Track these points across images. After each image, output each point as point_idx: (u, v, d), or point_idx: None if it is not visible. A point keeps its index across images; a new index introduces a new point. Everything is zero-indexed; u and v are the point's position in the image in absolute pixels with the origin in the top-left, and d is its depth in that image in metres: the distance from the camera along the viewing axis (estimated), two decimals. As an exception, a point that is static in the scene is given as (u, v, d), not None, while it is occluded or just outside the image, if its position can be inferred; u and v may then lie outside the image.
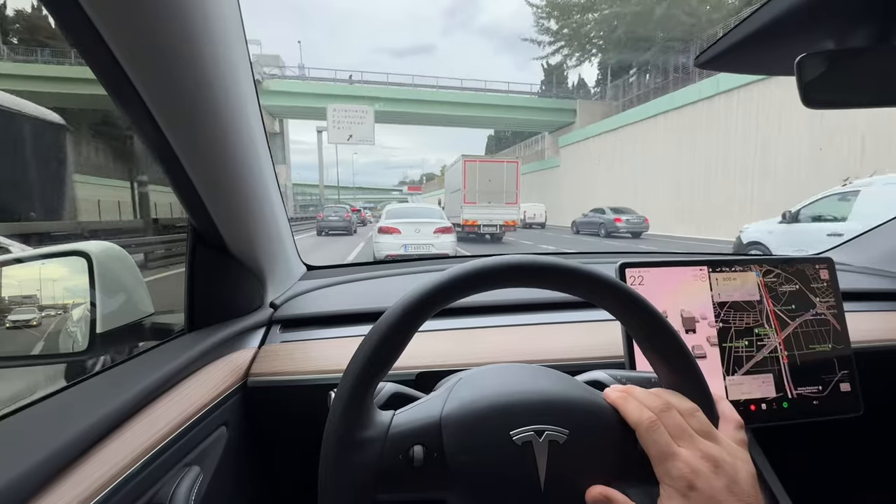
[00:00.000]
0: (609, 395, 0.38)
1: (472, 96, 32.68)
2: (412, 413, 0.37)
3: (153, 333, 0.74)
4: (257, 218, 0.70)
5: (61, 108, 5.06)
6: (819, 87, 0.47)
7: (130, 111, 0.46)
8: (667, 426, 0.35)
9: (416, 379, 0.69)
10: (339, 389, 0.36)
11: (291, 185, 38.64)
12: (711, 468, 0.33)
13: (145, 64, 0.42)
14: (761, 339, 0.69)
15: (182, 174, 0.54)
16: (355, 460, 0.34)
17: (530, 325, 0.81)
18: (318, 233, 17.88)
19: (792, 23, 0.47)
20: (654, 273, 0.69)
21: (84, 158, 6.53)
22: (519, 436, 0.35)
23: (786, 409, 0.68)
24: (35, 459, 0.34)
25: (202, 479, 0.51)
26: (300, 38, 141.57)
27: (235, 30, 0.54)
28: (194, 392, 0.55)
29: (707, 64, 0.58)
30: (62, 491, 0.35)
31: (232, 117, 0.55)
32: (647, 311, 0.37)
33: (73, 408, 0.44)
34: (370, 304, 0.84)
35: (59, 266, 0.71)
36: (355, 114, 28.08)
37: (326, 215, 18.47)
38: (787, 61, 0.48)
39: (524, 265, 0.37)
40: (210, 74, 0.49)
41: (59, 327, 0.70)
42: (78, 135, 6.45)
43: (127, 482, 0.40)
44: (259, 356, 0.72)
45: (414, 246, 7.78)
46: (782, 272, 0.72)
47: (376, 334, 0.36)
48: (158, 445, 0.45)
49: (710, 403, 0.38)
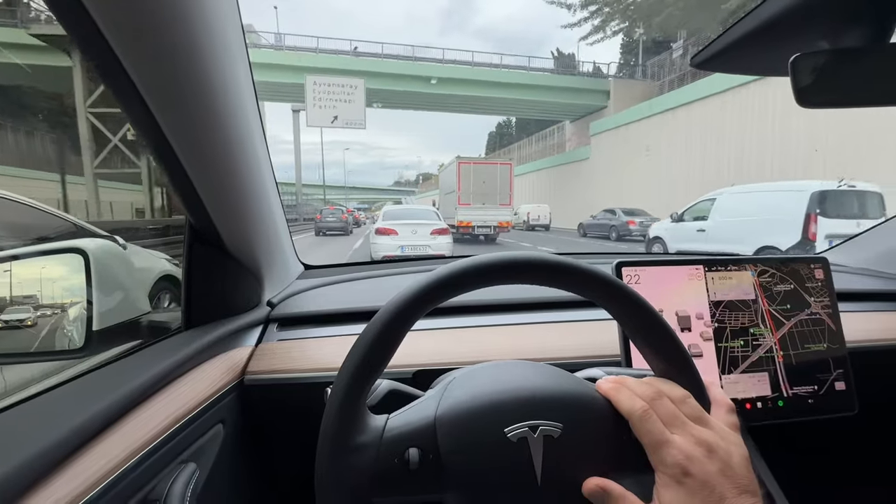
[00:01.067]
0: (601, 387, 0.39)
1: (485, 72, 25.75)
2: (406, 416, 0.37)
3: (150, 331, 0.74)
4: (255, 216, 0.70)
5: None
6: (813, 87, 0.48)
7: (129, 108, 0.46)
8: (659, 414, 0.35)
9: (413, 377, 0.69)
10: (332, 394, 0.36)
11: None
12: (705, 453, 0.33)
13: (144, 60, 0.42)
14: (757, 338, 0.70)
15: (180, 171, 0.54)
16: (351, 466, 0.34)
17: (528, 324, 0.81)
18: (316, 233, 18.42)
19: (786, 23, 0.47)
20: (650, 272, 0.69)
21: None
22: (513, 433, 0.35)
23: (781, 407, 0.68)
24: (29, 455, 0.34)
25: (198, 477, 0.51)
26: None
27: (234, 26, 0.54)
28: (191, 389, 0.55)
29: (703, 64, 0.58)
30: (56, 486, 0.35)
31: (230, 114, 0.55)
32: (635, 301, 0.38)
33: (68, 404, 0.44)
34: (367, 303, 0.84)
35: (56, 263, 0.70)
36: (341, 89, 21.49)
37: (325, 216, 19.13)
38: (782, 62, 0.48)
39: (512, 261, 0.37)
40: (209, 71, 0.49)
41: (55, 325, 0.70)
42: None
43: (122, 478, 0.40)
44: (256, 354, 0.72)
45: (411, 247, 7.79)
46: (777, 272, 0.73)
47: (368, 336, 0.36)
48: (154, 442, 0.45)
49: (701, 389, 0.39)
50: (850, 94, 0.49)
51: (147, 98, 0.45)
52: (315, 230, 18.64)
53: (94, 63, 0.41)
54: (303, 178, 32.99)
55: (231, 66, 0.54)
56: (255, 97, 0.65)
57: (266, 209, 0.73)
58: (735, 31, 0.51)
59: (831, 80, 0.47)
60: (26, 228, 1.95)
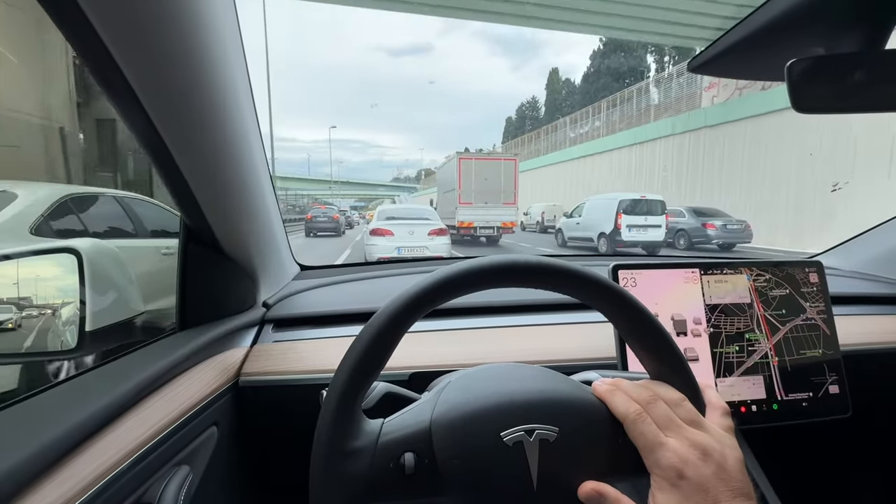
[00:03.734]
0: (597, 389, 0.39)
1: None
2: (401, 420, 0.37)
3: (144, 332, 0.73)
4: (251, 216, 0.70)
5: None
6: (809, 93, 0.48)
7: (124, 108, 0.46)
8: (654, 417, 0.35)
9: (409, 379, 0.69)
10: (327, 398, 0.36)
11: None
12: (700, 456, 0.33)
13: (140, 61, 0.42)
14: (752, 344, 0.70)
15: (175, 171, 0.54)
16: (346, 471, 0.34)
17: (524, 327, 0.81)
18: (306, 234, 17.17)
19: (783, 28, 0.47)
20: (646, 275, 0.69)
21: None
22: (509, 437, 0.35)
23: (776, 410, 0.69)
24: (19, 458, 0.34)
25: (191, 479, 0.50)
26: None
27: (231, 27, 0.54)
28: (185, 391, 0.54)
29: (700, 68, 0.58)
30: (47, 490, 0.34)
31: (226, 115, 0.55)
32: (628, 303, 0.38)
33: (59, 405, 0.43)
34: (363, 305, 0.84)
35: (49, 263, 0.70)
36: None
37: (314, 216, 17.69)
38: (778, 67, 0.48)
39: (509, 265, 0.37)
40: (205, 72, 0.49)
41: (47, 325, 0.69)
42: None
43: (114, 481, 0.39)
44: (251, 355, 0.71)
45: (408, 248, 7.53)
46: (773, 276, 0.73)
47: (364, 339, 0.36)
48: (147, 444, 0.44)
49: (696, 392, 0.39)
50: (846, 99, 0.49)
51: (143, 98, 0.45)
52: (305, 231, 17.29)
53: (89, 64, 0.41)
54: (289, 171, 29.17)
55: (227, 66, 0.53)
56: (252, 98, 0.65)
57: (262, 209, 0.73)
58: (731, 36, 0.51)
59: (827, 86, 0.47)
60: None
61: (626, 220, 10.54)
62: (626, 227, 10.54)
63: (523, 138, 36.97)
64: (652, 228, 10.72)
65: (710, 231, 11.54)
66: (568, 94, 59.27)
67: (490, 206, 13.43)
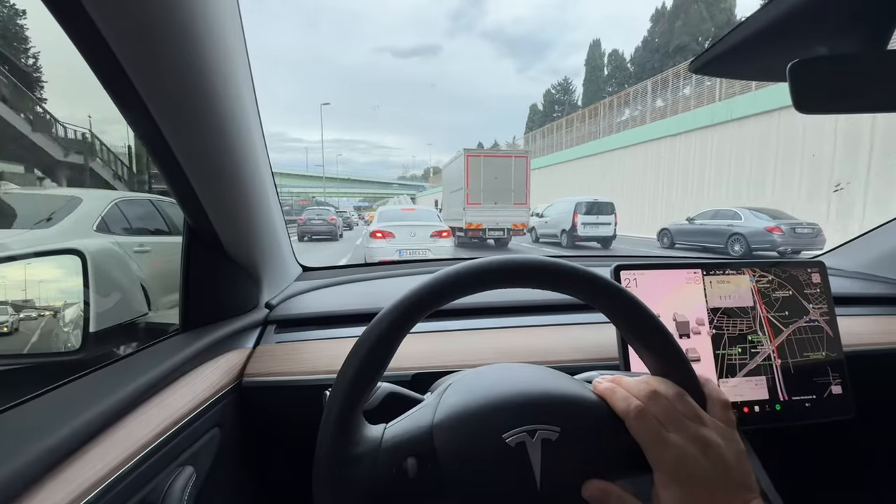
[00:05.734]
0: (597, 387, 0.39)
1: None
2: (403, 425, 0.37)
3: (147, 333, 0.73)
4: (254, 217, 0.70)
5: None
6: (811, 94, 0.48)
7: (128, 109, 0.46)
8: (654, 413, 0.35)
9: (411, 379, 0.69)
10: (329, 403, 0.36)
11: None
12: (701, 450, 0.33)
13: (145, 64, 0.42)
14: (755, 346, 0.70)
15: (179, 172, 0.54)
16: (348, 479, 0.34)
17: (527, 327, 0.81)
18: (300, 238, 15.68)
19: (784, 28, 0.47)
20: (648, 276, 0.69)
21: None
22: (511, 437, 0.35)
23: (778, 411, 0.68)
24: (24, 459, 0.34)
25: (195, 480, 0.51)
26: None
27: (234, 28, 0.54)
28: (188, 392, 0.54)
29: (701, 69, 0.58)
30: (51, 490, 0.34)
31: (230, 117, 0.55)
32: (626, 299, 0.38)
33: (63, 406, 0.43)
34: (366, 305, 0.84)
35: (53, 265, 0.70)
36: None
37: (309, 218, 16.25)
38: (780, 68, 0.48)
39: (511, 265, 0.37)
40: (209, 75, 0.49)
41: (51, 326, 0.69)
42: None
43: (118, 482, 0.40)
44: (254, 356, 0.72)
45: (409, 251, 7.37)
46: (775, 277, 0.73)
47: (366, 341, 0.36)
48: (151, 445, 0.45)
49: (697, 386, 0.39)
50: (849, 100, 0.49)
51: (147, 101, 0.45)
52: (298, 234, 15.68)
53: (94, 66, 0.41)
54: (285, 168, 26.41)
55: (231, 69, 0.54)
56: (255, 100, 0.65)
57: (265, 211, 0.73)
58: (733, 37, 0.51)
59: (829, 87, 0.47)
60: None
61: (582, 219, 13.00)
62: (582, 224, 12.98)
63: (551, 126, 31.27)
64: (602, 226, 13.10)
65: (776, 236, 9.59)
66: (614, 70, 46.71)
67: (500, 207, 12.40)
